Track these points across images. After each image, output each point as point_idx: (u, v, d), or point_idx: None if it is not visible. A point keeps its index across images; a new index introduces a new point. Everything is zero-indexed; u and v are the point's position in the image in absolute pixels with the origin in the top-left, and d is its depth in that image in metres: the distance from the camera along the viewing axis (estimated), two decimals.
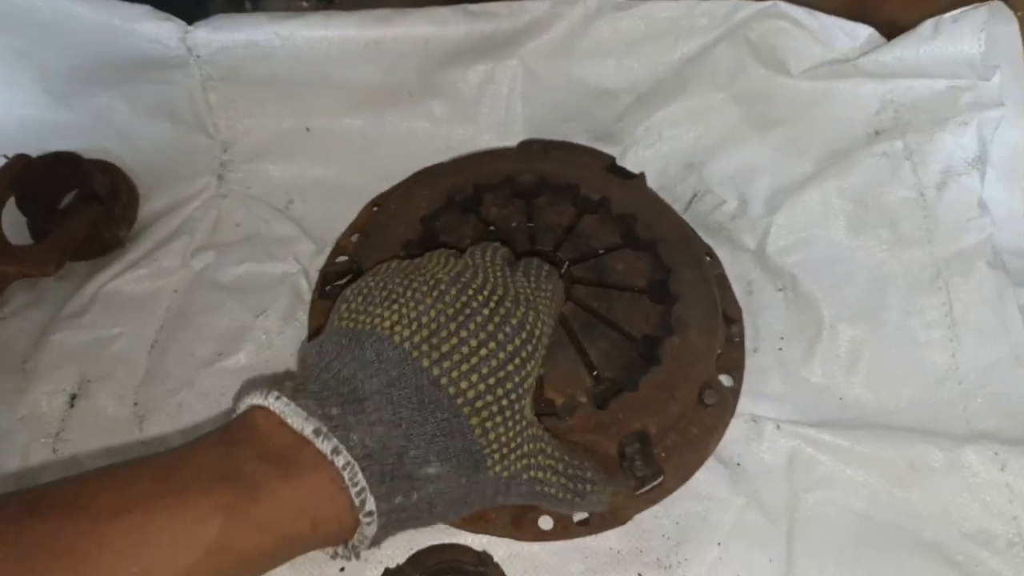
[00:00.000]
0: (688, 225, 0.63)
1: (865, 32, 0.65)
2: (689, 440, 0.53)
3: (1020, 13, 0.61)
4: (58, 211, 0.64)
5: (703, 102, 0.68)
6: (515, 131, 0.71)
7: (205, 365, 0.58)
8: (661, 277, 0.58)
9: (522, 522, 0.50)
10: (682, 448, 0.53)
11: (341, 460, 0.36)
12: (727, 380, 0.57)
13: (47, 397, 0.57)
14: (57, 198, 0.65)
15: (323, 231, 0.66)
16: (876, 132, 0.64)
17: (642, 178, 0.64)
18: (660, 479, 0.50)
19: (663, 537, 0.51)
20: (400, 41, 0.67)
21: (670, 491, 0.52)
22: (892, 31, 0.65)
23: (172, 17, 0.66)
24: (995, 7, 0.60)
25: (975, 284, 0.58)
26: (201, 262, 0.64)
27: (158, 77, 0.68)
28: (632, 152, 0.69)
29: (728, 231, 0.65)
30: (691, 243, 0.61)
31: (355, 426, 0.37)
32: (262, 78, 0.68)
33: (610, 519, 0.50)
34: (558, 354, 0.54)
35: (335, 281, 0.59)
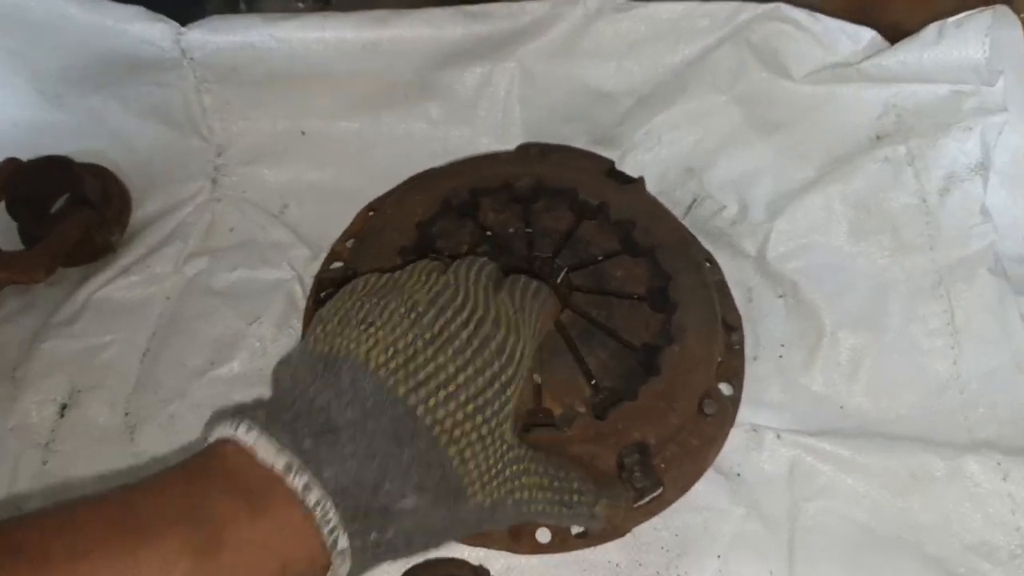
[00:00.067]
0: (688, 230, 0.63)
1: (868, 35, 0.64)
2: (689, 451, 0.52)
3: None
4: (49, 216, 0.64)
5: (704, 105, 0.68)
6: (513, 133, 0.70)
7: (198, 374, 0.58)
8: (660, 284, 0.57)
9: (520, 535, 0.49)
10: (681, 459, 0.52)
11: (312, 498, 0.35)
12: (727, 388, 0.56)
13: (37, 407, 0.56)
14: (48, 202, 0.64)
15: (318, 236, 0.65)
16: (878, 137, 0.64)
17: (641, 182, 0.63)
18: (659, 490, 0.50)
19: (662, 549, 0.51)
20: (397, 43, 0.66)
21: (669, 503, 0.51)
22: (895, 34, 0.64)
23: (166, 18, 0.65)
24: (1000, 11, 0.59)
25: (977, 291, 0.58)
26: (194, 268, 0.64)
27: (152, 79, 0.67)
28: (631, 156, 0.68)
29: (728, 236, 0.65)
30: (690, 249, 0.60)
31: (328, 460, 0.35)
32: (257, 80, 0.68)
33: (609, 531, 0.49)
34: (556, 363, 0.53)
35: (330, 288, 0.58)
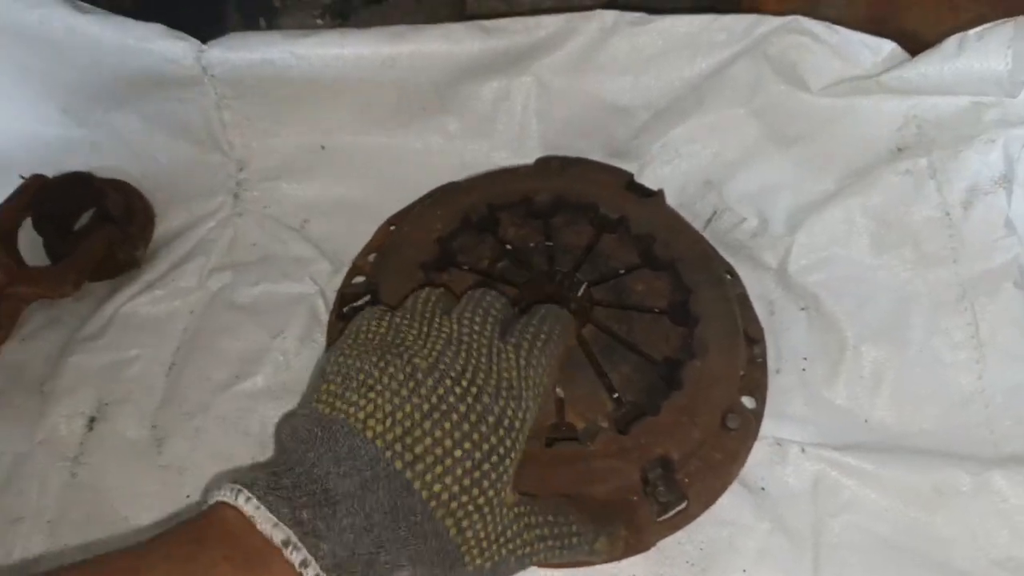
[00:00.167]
0: (708, 243, 0.63)
1: (888, 47, 0.64)
2: (712, 465, 0.52)
3: None
4: (74, 232, 0.64)
5: (722, 118, 0.68)
6: (530, 147, 0.70)
7: (223, 388, 0.58)
8: (681, 298, 0.57)
9: None
10: (705, 473, 0.52)
11: (310, 573, 0.35)
12: (749, 402, 0.56)
13: (65, 420, 0.57)
14: (73, 218, 0.65)
15: (339, 251, 0.65)
16: (899, 149, 0.63)
17: (661, 196, 0.63)
18: (684, 504, 0.50)
19: (687, 563, 0.51)
20: (415, 58, 0.66)
21: (693, 517, 0.51)
22: (914, 46, 0.64)
23: (187, 36, 0.66)
24: (1021, 23, 0.59)
25: (1002, 305, 0.57)
26: (218, 282, 0.64)
27: (173, 96, 0.68)
28: (650, 169, 0.68)
29: (749, 249, 0.65)
30: (711, 262, 0.60)
31: (325, 534, 0.36)
32: (277, 96, 0.68)
33: (633, 545, 0.49)
34: (578, 377, 0.54)
35: (352, 302, 0.59)
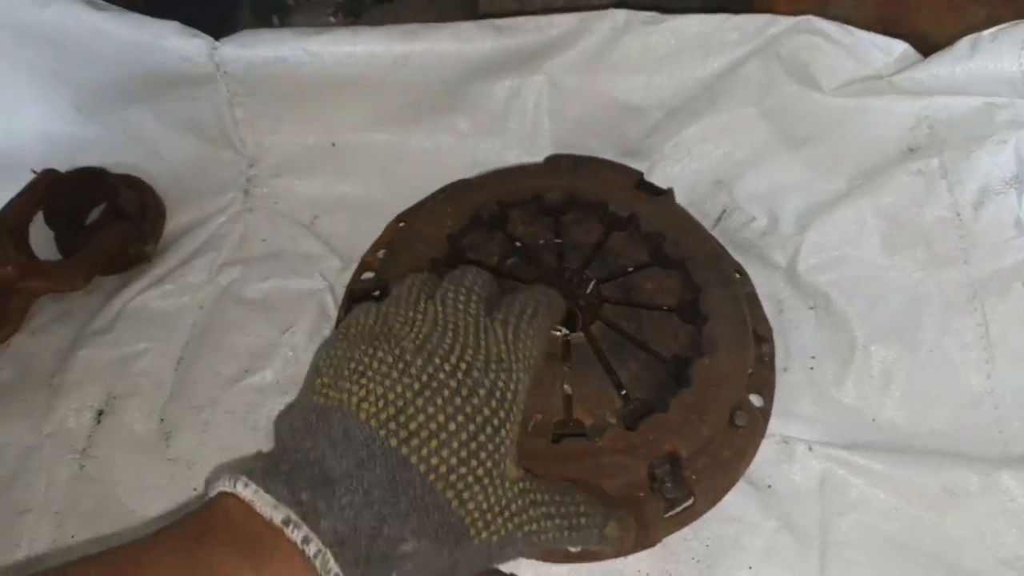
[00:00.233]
0: (718, 242, 0.63)
1: (900, 48, 0.64)
2: (720, 463, 0.52)
3: None
4: (86, 226, 0.65)
5: (733, 118, 0.68)
6: (541, 146, 0.70)
7: (231, 382, 0.59)
8: (691, 296, 0.57)
9: None
10: (713, 471, 0.52)
11: (312, 549, 0.35)
12: (757, 400, 0.56)
13: (74, 413, 0.57)
14: (85, 213, 0.66)
15: (349, 247, 0.65)
16: (911, 149, 0.63)
17: (671, 194, 0.63)
18: (690, 501, 0.50)
19: (693, 560, 0.51)
20: (427, 56, 0.67)
21: (700, 514, 0.51)
22: (925, 47, 0.64)
23: (200, 33, 0.66)
24: None
25: (1012, 305, 0.57)
26: (227, 278, 0.64)
27: (186, 93, 0.68)
28: (660, 168, 0.68)
29: (758, 248, 0.65)
30: (721, 261, 0.60)
31: (325, 512, 0.36)
32: (289, 93, 0.68)
33: (640, 541, 0.49)
34: (587, 374, 0.54)
35: (361, 298, 0.59)
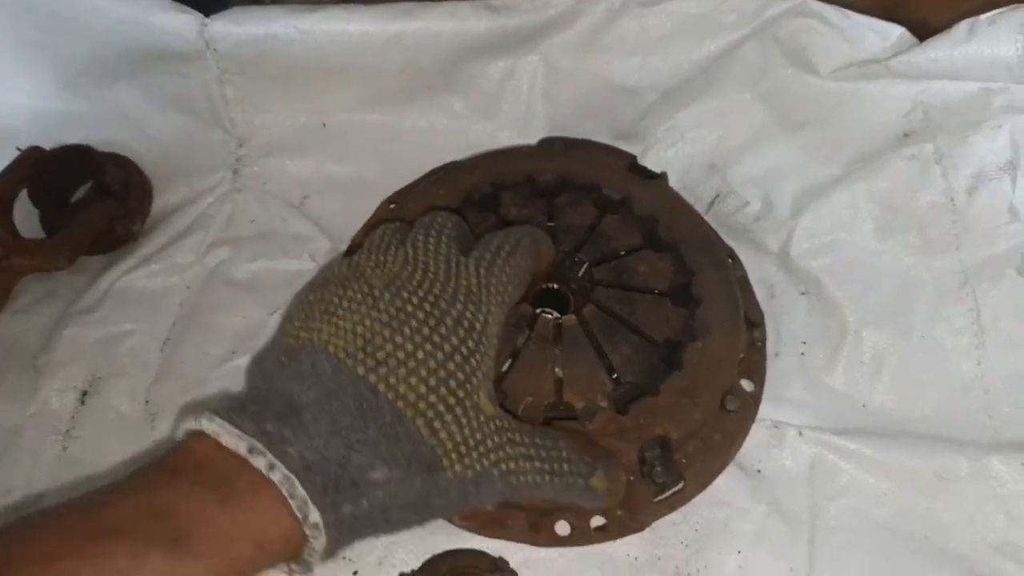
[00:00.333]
0: (710, 226, 0.62)
1: (896, 32, 0.63)
2: (711, 447, 0.52)
3: None
4: (71, 204, 0.64)
5: (728, 101, 0.67)
6: (535, 128, 0.70)
7: (218, 364, 0.58)
8: (683, 280, 0.57)
9: (539, 527, 0.49)
10: (703, 454, 0.52)
11: (278, 475, 0.35)
12: (748, 385, 0.56)
13: (58, 394, 0.57)
14: (70, 191, 0.65)
15: (338, 228, 0.65)
16: (906, 134, 0.63)
17: (664, 178, 0.63)
18: (680, 485, 0.50)
19: (682, 544, 0.51)
20: (420, 35, 0.66)
21: (689, 498, 0.51)
22: (922, 31, 0.63)
23: (190, 9, 0.65)
24: None
25: (1004, 291, 0.57)
26: (215, 258, 0.64)
27: (174, 70, 0.67)
28: (654, 151, 0.68)
29: (751, 233, 0.64)
30: (713, 245, 0.60)
31: (292, 440, 0.36)
32: (280, 72, 0.68)
33: (629, 525, 0.49)
34: (578, 357, 0.53)
35: None
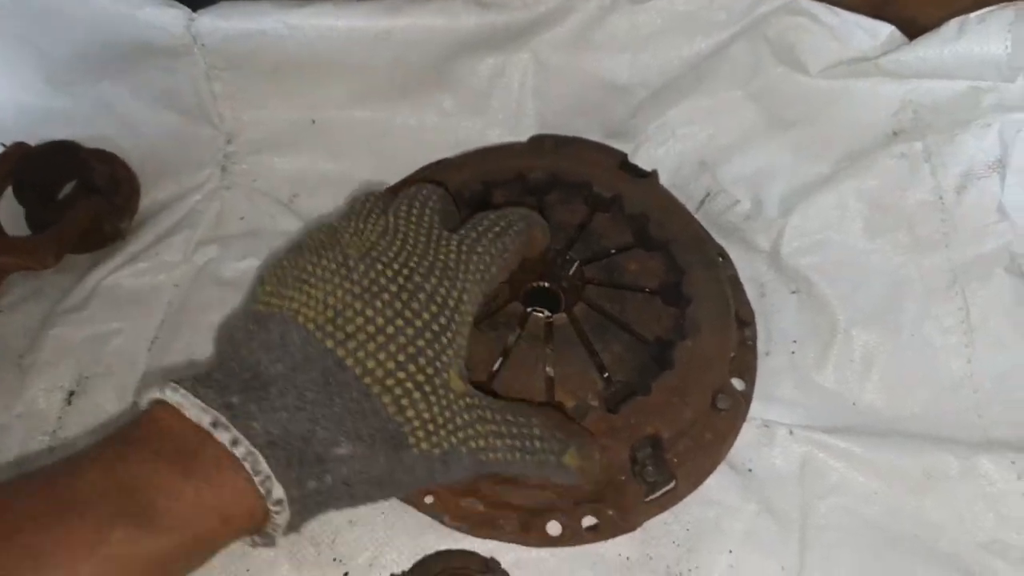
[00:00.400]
0: (701, 225, 0.62)
1: (886, 30, 0.63)
2: (702, 445, 0.52)
3: None
4: (57, 201, 0.63)
5: (719, 100, 0.67)
6: (526, 125, 0.69)
7: (206, 363, 0.57)
8: (674, 278, 0.57)
9: (530, 527, 0.49)
10: (695, 453, 0.52)
11: (241, 450, 0.35)
12: (739, 384, 0.56)
13: (44, 394, 0.56)
14: (56, 188, 0.64)
15: None
16: (895, 133, 0.63)
17: (655, 176, 0.63)
18: (672, 484, 0.50)
19: (673, 544, 0.51)
20: (410, 32, 0.65)
21: (681, 497, 0.51)
22: (911, 29, 0.63)
23: (177, 4, 0.64)
24: (1022, 8, 0.58)
25: (993, 290, 0.57)
26: (203, 256, 0.63)
27: (162, 65, 0.66)
28: (644, 149, 0.68)
29: (741, 232, 0.64)
30: (704, 244, 0.60)
31: (257, 414, 0.35)
32: (268, 68, 0.67)
33: (620, 525, 0.49)
34: (569, 356, 0.53)
35: None
